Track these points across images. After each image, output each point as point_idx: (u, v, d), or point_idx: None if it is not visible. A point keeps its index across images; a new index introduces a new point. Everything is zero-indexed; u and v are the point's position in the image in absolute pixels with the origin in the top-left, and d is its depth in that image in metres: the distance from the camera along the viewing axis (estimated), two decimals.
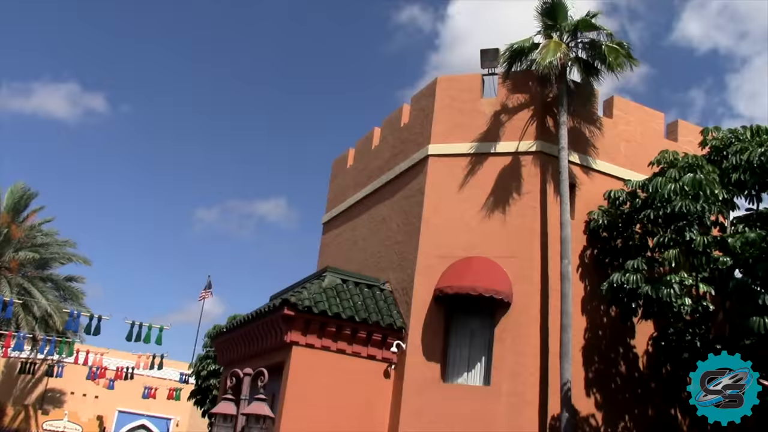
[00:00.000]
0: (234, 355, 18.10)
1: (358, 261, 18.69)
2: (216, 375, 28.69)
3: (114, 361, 36.07)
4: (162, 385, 38.32)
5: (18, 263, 34.61)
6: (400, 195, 17.48)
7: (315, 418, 14.42)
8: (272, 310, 15.27)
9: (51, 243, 37.20)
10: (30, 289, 33.80)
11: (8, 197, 36.67)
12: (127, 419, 44.28)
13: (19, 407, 41.80)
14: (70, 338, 29.81)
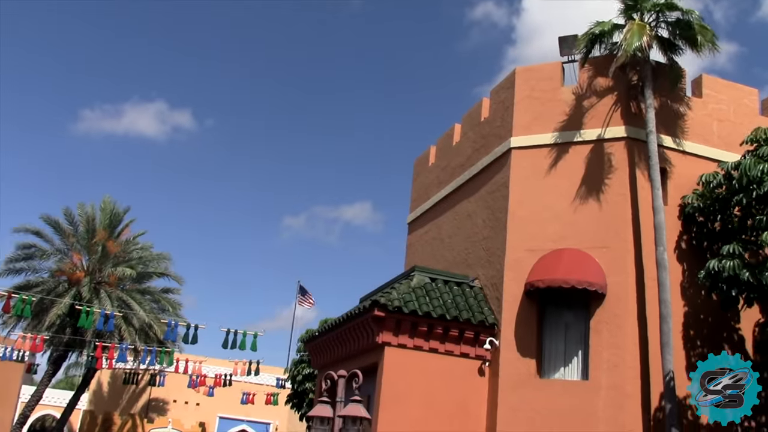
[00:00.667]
0: (327, 358, 18.25)
1: (446, 259, 18.58)
2: (311, 379, 29.06)
3: (212, 368, 36.99)
4: (260, 390, 39.06)
5: (116, 278, 35.87)
6: (485, 190, 17.28)
7: (410, 418, 14.39)
8: (363, 311, 15.31)
9: (146, 257, 38.41)
10: (129, 301, 34.99)
11: (102, 214, 38.05)
12: (228, 425, 45.36)
13: (125, 416, 43.41)
14: (170, 348, 30.69)
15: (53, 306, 33.07)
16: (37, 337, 28.99)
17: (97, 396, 47.38)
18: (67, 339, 34.71)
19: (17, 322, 34.59)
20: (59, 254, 36.77)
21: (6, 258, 35.81)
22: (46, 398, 40.56)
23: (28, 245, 36.13)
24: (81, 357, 38.62)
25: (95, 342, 32.17)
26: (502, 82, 17.72)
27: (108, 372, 43.73)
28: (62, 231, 37.03)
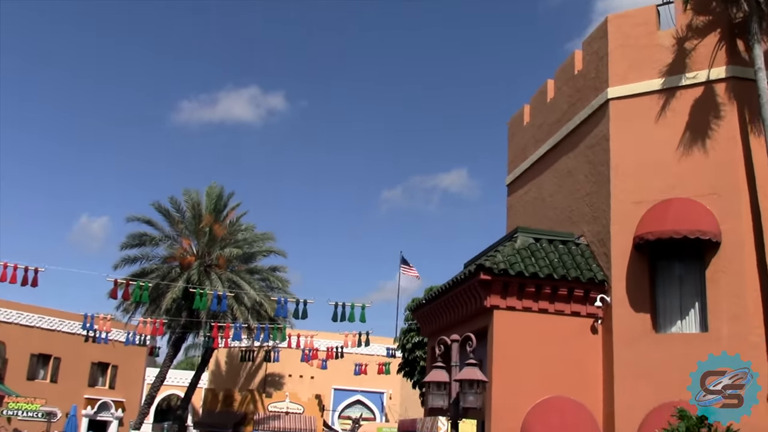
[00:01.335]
0: (436, 325, 18.31)
1: (549, 218, 18.26)
2: (421, 346, 29.29)
3: (324, 342, 37.79)
4: (371, 360, 39.71)
5: (225, 259, 37.00)
6: (584, 145, 16.83)
7: (525, 379, 14.30)
8: (468, 276, 15.25)
9: (251, 238, 39.43)
10: (239, 282, 36.06)
11: (207, 199, 39.23)
12: (343, 396, 46.41)
13: (245, 392, 44.98)
14: (281, 324, 31.51)
15: (168, 291, 34.47)
16: (156, 322, 30.31)
17: (217, 374, 49.30)
18: (184, 321, 36.13)
19: (136, 308, 36.25)
20: (169, 240, 38.21)
21: (121, 246, 37.52)
22: (170, 379, 42.47)
23: (140, 234, 37.68)
24: (198, 338, 40.21)
25: (210, 323, 33.38)
26: (594, 33, 17.14)
27: (224, 351, 45.39)
28: (171, 218, 38.43)
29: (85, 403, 42.11)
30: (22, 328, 40.58)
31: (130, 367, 45.81)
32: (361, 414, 45.23)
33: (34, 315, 41.71)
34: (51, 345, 41.83)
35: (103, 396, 44.24)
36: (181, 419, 40.37)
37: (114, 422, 44.49)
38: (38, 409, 27.05)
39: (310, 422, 42.67)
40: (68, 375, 42.15)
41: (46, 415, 26.84)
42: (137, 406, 43.49)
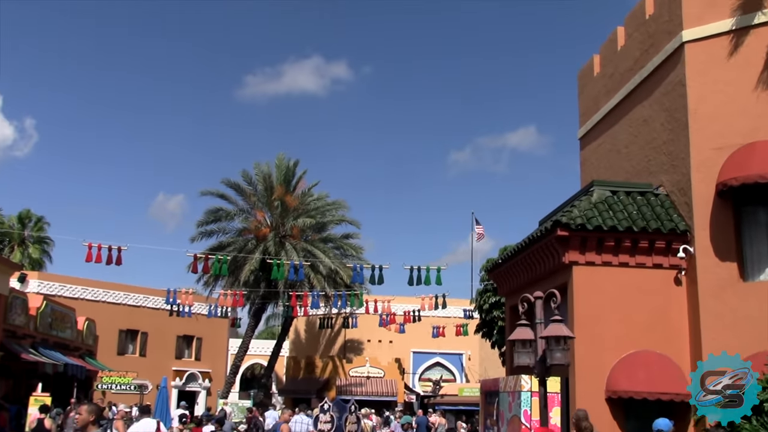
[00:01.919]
0: (513, 284, 18.16)
1: (625, 169, 17.80)
2: (498, 307, 29.15)
3: (400, 306, 38.01)
4: (448, 323, 39.80)
5: (299, 229, 37.46)
6: (659, 91, 16.27)
7: (608, 335, 14.08)
8: (545, 233, 15.03)
9: (323, 207, 39.78)
10: (314, 251, 36.51)
11: (277, 171, 39.68)
12: (422, 358, 46.73)
13: (326, 359, 45.75)
14: (358, 290, 31.79)
15: (245, 263, 35.15)
16: (236, 293, 30.97)
17: (297, 342, 50.25)
18: (262, 292, 36.84)
19: (216, 281, 37.14)
20: (244, 214, 38.92)
21: (198, 222, 38.40)
22: (252, 348, 43.44)
23: (215, 209, 38.47)
24: (277, 308, 40.97)
25: (288, 292, 33.93)
26: None
27: (303, 319, 46.17)
28: (243, 192, 39.06)
29: (173, 375, 43.52)
30: (110, 306, 42.10)
31: (214, 339, 47.08)
32: (441, 376, 45.50)
33: (120, 293, 43.19)
34: (138, 321, 43.31)
35: (190, 368, 45.64)
36: (265, 387, 41.37)
37: (202, 392, 45.90)
38: (130, 382, 28.05)
39: (391, 386, 43.18)
40: (156, 349, 43.61)
41: (138, 387, 27.82)
42: (223, 376, 44.74)
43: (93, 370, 31.24)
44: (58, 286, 40.45)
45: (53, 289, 39.49)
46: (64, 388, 29.27)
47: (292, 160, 40.24)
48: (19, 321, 25.87)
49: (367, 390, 42.66)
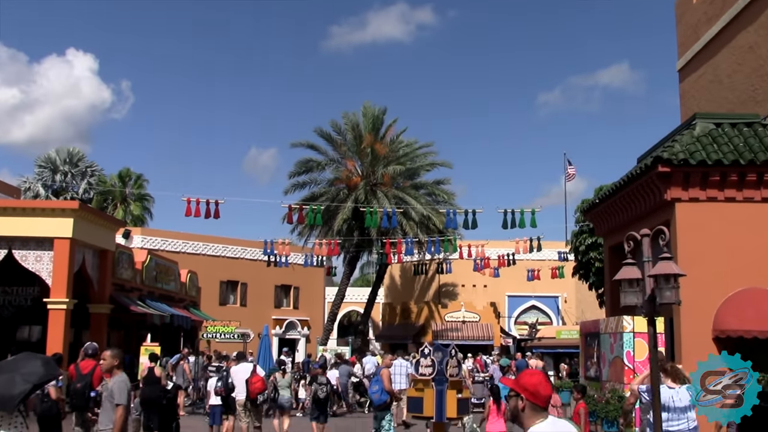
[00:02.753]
0: (611, 224, 17.70)
1: (728, 100, 16.93)
2: (594, 248, 28.59)
3: (494, 250, 37.74)
4: (543, 266, 39.32)
5: (389, 177, 37.49)
6: (766, 15, 15.30)
7: (714, 273, 13.54)
8: (645, 170, 14.49)
9: (413, 153, 39.63)
10: (405, 198, 36.53)
11: (365, 119, 39.64)
12: (518, 302, 46.50)
13: (421, 304, 46.11)
14: (451, 236, 31.68)
15: (338, 212, 35.51)
16: (331, 242, 31.35)
17: (392, 289, 50.75)
18: (356, 240, 37.20)
19: (311, 231, 37.71)
20: (334, 164, 39.20)
21: (290, 173, 38.94)
22: (348, 296, 44.10)
23: (306, 160, 38.88)
24: (371, 255, 41.33)
25: (381, 240, 34.14)
26: None
27: (398, 266, 46.48)
28: (333, 142, 39.27)
29: (273, 323, 44.75)
30: (211, 258, 43.45)
31: (311, 288, 48.08)
32: (537, 319, 45.21)
33: (219, 245, 44.48)
34: (237, 272, 44.59)
35: (289, 316, 46.84)
36: (363, 333, 42.08)
37: (301, 340, 47.10)
38: (233, 331, 28.94)
39: (487, 330, 43.23)
40: (255, 298, 44.88)
41: (240, 336, 28.68)
42: (321, 323, 45.73)
43: (197, 320, 32.40)
44: (161, 240, 41.95)
45: (156, 244, 40.98)
46: (172, 338, 30.53)
47: (379, 108, 40.13)
48: (126, 275, 26.96)
49: (463, 334, 42.84)
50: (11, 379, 9.87)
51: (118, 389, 7.88)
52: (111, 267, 25.08)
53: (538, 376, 4.00)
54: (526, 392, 3.94)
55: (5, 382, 9.99)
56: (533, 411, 3.91)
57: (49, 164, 50.53)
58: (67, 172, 50.45)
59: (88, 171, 51.42)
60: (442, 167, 40.61)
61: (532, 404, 3.91)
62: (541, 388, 3.92)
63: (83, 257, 22.86)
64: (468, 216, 26.17)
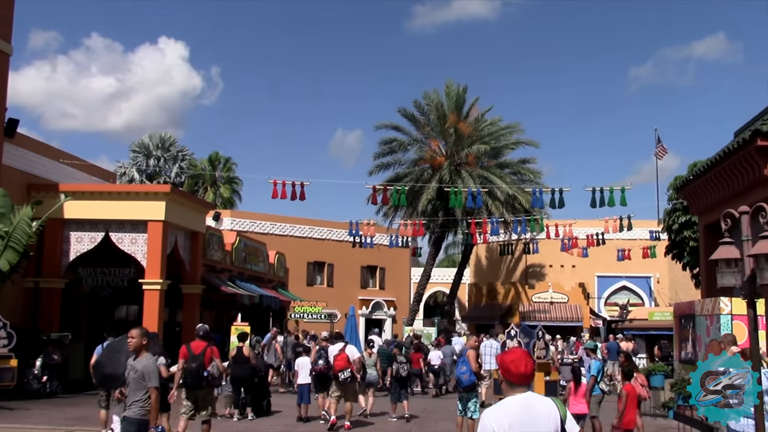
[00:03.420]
0: (707, 201, 17.01)
1: None
2: (689, 226, 27.62)
3: (582, 230, 36.95)
4: (634, 245, 38.26)
5: (474, 156, 37.12)
6: None
7: None
8: (742, 145, 13.84)
9: (497, 132, 39.11)
10: (490, 177, 36.14)
11: (448, 99, 39.30)
12: (607, 283, 45.48)
13: (507, 285, 45.67)
14: (537, 215, 31.16)
15: (423, 192, 35.41)
16: (416, 223, 31.30)
17: (478, 269, 50.45)
18: (441, 221, 37.06)
19: (395, 211, 37.79)
20: (418, 144, 39.09)
21: (374, 154, 39.05)
22: (434, 277, 44.06)
23: (390, 140, 38.90)
24: (456, 236, 41.15)
25: (467, 220, 33.88)
26: None
27: (483, 246, 46.13)
28: (417, 122, 39.15)
29: (359, 304, 45.15)
30: (297, 240, 44.10)
31: (396, 269, 48.24)
32: (628, 300, 44.12)
33: (306, 227, 45.10)
34: (323, 253, 45.14)
35: (375, 296, 47.16)
36: (449, 314, 42.00)
37: (388, 320, 47.38)
38: (320, 312, 29.32)
39: (576, 311, 42.47)
40: (342, 279, 45.35)
41: (327, 316, 29.04)
42: (407, 304, 45.88)
43: (285, 301, 32.95)
44: (249, 222, 42.80)
45: (244, 226, 41.83)
46: (261, 318, 31.15)
47: (461, 87, 39.71)
48: (216, 256, 27.61)
49: (551, 316, 42.23)
50: (118, 359, 10.40)
51: (149, 371, 7.77)
52: (202, 248, 25.72)
53: (513, 355, 4.25)
54: (501, 368, 4.26)
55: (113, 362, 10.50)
56: (507, 385, 4.22)
57: (142, 149, 52.12)
58: (159, 156, 51.94)
59: (180, 155, 52.79)
60: (527, 146, 40.10)
61: (505, 380, 4.22)
62: (512, 366, 4.18)
63: (175, 239, 23.50)
64: (555, 195, 25.62)
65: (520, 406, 4.11)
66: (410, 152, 39.14)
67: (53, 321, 21.92)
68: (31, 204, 18.63)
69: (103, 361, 11.10)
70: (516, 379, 4.18)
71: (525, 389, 4.19)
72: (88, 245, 22.42)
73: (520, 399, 4.15)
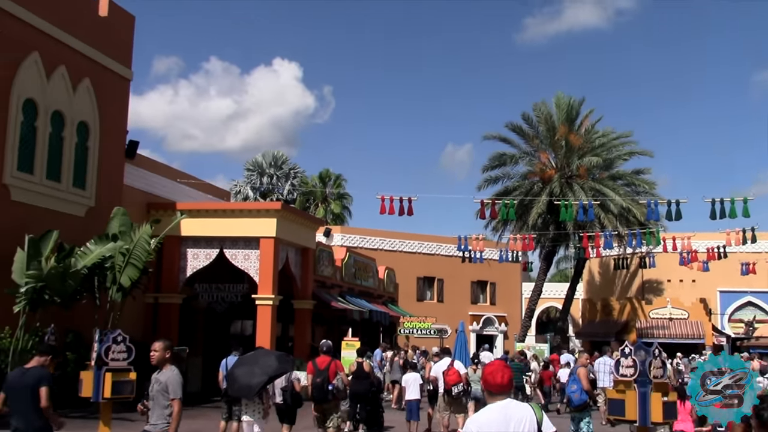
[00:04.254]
0: None
1: None
2: None
3: (702, 243, 35.36)
4: (759, 258, 36.34)
5: (585, 169, 36.25)
6: None
7: None
8: None
9: (609, 143, 38.09)
10: (602, 189, 35.19)
11: (558, 110, 38.58)
12: (731, 298, 43.33)
13: (623, 301, 44.23)
14: (653, 228, 30.06)
15: (532, 206, 34.82)
16: (526, 237, 30.78)
17: (592, 284, 49.12)
18: (552, 235, 36.32)
19: (505, 226, 37.34)
20: (527, 157, 38.56)
21: (482, 168, 38.77)
22: (545, 292, 43.20)
23: (498, 154, 38.53)
24: (568, 250, 40.22)
25: (578, 233, 33.07)
26: None
27: (597, 260, 44.94)
28: (525, 134, 38.65)
29: (470, 319, 44.75)
30: (407, 255, 44.17)
31: (507, 284, 47.57)
32: (755, 316, 41.86)
33: (415, 242, 45.12)
34: (433, 268, 45.03)
35: (486, 312, 46.63)
36: (561, 330, 41.02)
37: (499, 336, 46.72)
38: (430, 327, 29.27)
39: (697, 327, 40.64)
40: (452, 294, 45.07)
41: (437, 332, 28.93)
42: (518, 319, 45.12)
43: (395, 316, 33.04)
44: (359, 238, 43.23)
45: (354, 242, 42.28)
46: (371, 333, 31.34)
47: (572, 98, 38.95)
48: (327, 272, 27.98)
49: (671, 332, 40.56)
50: (251, 371, 10.83)
51: (172, 384, 7.59)
52: (312, 264, 26.11)
53: (491, 367, 4.76)
54: (482, 380, 4.79)
55: (246, 373, 10.92)
56: (488, 395, 4.73)
57: (256, 168, 53.61)
58: (272, 174, 53.30)
59: (291, 173, 54.00)
60: (641, 156, 38.83)
61: (486, 390, 4.73)
62: (490, 377, 4.68)
63: (287, 255, 23.96)
64: (671, 206, 24.63)
65: (499, 411, 4.61)
66: (519, 165, 38.69)
67: (172, 335, 22.67)
68: (150, 222, 19.38)
69: (236, 374, 11.49)
70: (494, 389, 4.67)
71: (504, 397, 4.67)
72: (203, 261, 23.15)
73: (499, 405, 4.64)
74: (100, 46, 20.65)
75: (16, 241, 16.56)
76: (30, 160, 18.20)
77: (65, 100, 19.30)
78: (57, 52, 18.97)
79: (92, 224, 19.45)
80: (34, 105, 18.32)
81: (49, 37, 18.68)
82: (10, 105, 17.46)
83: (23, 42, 17.87)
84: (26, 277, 16.08)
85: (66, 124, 19.34)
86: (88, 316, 18.22)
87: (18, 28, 17.69)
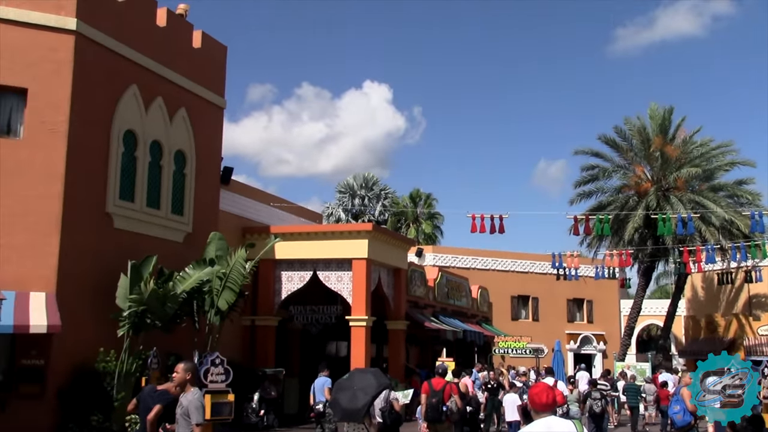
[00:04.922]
0: None
1: None
2: None
3: None
4: None
5: (683, 180, 35.11)
6: None
7: None
8: None
9: (708, 153, 36.79)
10: (702, 201, 33.96)
11: (652, 122, 37.56)
12: None
13: (729, 317, 42.40)
14: (758, 240, 28.80)
15: (628, 220, 33.92)
16: (622, 253, 29.99)
17: (694, 300, 47.29)
18: (650, 250, 35.26)
19: (600, 242, 36.46)
20: (621, 170, 37.64)
21: (574, 183, 38.07)
22: (645, 309, 41.88)
23: (590, 167, 37.79)
24: (668, 265, 38.94)
25: (678, 248, 32.00)
26: None
27: (699, 275, 43.29)
28: (618, 147, 37.77)
29: (567, 338, 43.77)
30: (500, 273, 43.64)
31: (605, 301, 46.34)
32: None
33: (508, 260, 44.54)
34: (528, 286, 44.30)
35: (583, 330, 45.50)
36: (663, 348, 39.61)
37: (597, 355, 45.49)
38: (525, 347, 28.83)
39: None
40: (547, 313, 44.22)
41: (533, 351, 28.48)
42: (617, 338, 43.84)
43: (490, 336, 32.70)
44: (451, 257, 43.02)
45: (446, 261, 42.09)
46: (465, 353, 31.08)
47: (666, 109, 37.83)
48: (419, 292, 27.96)
49: None
50: (354, 395, 11.03)
51: (194, 408, 7.46)
52: (405, 285, 26.13)
53: (537, 389, 5.28)
54: (528, 399, 5.41)
55: (349, 398, 11.12)
56: (534, 413, 5.26)
57: (348, 190, 54.22)
58: (364, 196, 53.78)
59: (382, 194, 54.36)
60: (743, 166, 37.22)
61: (532, 408, 5.29)
62: (536, 397, 5.23)
63: (379, 276, 24.07)
64: None
65: (544, 427, 5.11)
66: (613, 179, 37.78)
67: (269, 357, 23.09)
68: (245, 246, 19.83)
69: (339, 399, 11.69)
70: (540, 408, 5.19)
71: (548, 414, 5.17)
72: (297, 284, 23.50)
73: (544, 422, 5.14)
74: (194, 77, 21.36)
75: (119, 268, 17.19)
76: (131, 189, 18.90)
77: (162, 129, 20.01)
78: (154, 84, 19.70)
79: (190, 249, 20.01)
80: (134, 136, 19.04)
81: (146, 70, 19.42)
82: (111, 137, 18.20)
83: (123, 76, 18.66)
84: (129, 302, 16.65)
85: (164, 153, 20.03)
86: (188, 339, 18.75)
87: (118, 62, 18.48)
